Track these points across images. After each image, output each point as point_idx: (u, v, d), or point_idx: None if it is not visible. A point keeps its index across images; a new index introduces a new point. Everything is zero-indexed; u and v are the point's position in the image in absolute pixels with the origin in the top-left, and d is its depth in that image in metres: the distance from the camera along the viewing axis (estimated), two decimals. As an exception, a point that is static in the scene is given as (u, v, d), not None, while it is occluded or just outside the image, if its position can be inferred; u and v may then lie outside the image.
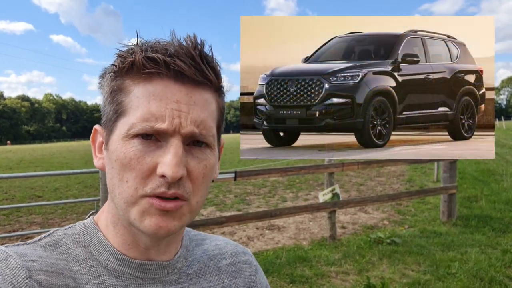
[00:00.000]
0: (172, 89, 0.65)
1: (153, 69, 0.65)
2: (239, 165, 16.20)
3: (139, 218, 0.65)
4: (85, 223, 0.76)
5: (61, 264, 0.68)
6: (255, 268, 0.90)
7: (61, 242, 0.72)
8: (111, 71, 0.70)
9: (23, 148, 61.55)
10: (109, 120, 0.69)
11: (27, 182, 14.24)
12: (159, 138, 0.65)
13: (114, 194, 0.68)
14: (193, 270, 0.80)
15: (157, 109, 0.64)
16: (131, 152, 0.64)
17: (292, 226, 7.26)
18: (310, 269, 5.02)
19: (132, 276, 0.72)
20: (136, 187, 0.64)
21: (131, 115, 0.65)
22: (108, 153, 0.69)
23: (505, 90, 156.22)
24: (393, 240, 5.90)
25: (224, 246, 0.89)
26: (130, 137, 0.65)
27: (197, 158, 0.68)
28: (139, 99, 0.65)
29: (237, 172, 5.08)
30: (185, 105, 0.65)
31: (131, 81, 0.67)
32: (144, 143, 0.65)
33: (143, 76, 0.66)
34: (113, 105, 0.68)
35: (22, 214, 8.95)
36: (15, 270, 0.62)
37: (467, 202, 8.40)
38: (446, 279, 4.62)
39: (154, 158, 0.64)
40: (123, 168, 0.65)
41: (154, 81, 0.65)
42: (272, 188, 11.60)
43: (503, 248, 5.52)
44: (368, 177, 12.92)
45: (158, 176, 0.64)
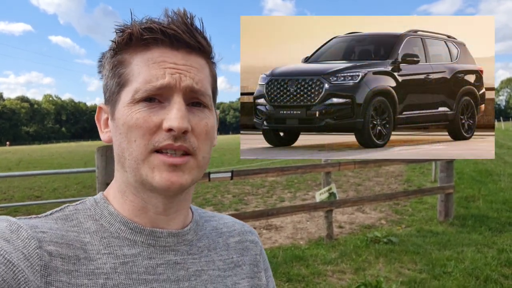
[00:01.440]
0: (169, 54, 0.70)
1: (150, 37, 0.70)
2: (238, 165, 16.21)
3: (150, 174, 0.69)
4: (96, 198, 0.78)
5: (72, 236, 0.69)
6: (260, 249, 0.93)
7: (72, 216, 0.73)
8: (110, 48, 0.74)
9: (23, 149, 61.46)
10: (112, 93, 0.74)
11: (26, 183, 14.22)
12: (161, 99, 0.70)
13: (124, 158, 0.71)
14: (203, 244, 0.82)
15: (156, 71, 0.69)
16: (137, 113, 0.68)
17: (290, 226, 7.29)
18: (306, 268, 5.04)
19: (144, 244, 0.73)
20: (144, 143, 0.68)
21: (134, 82, 0.70)
22: (114, 122, 0.73)
23: (504, 91, 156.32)
24: (390, 239, 5.93)
25: (232, 224, 0.92)
26: (135, 102, 0.69)
27: (198, 116, 0.72)
28: (139, 66, 0.70)
29: (234, 171, 5.09)
30: (182, 66, 0.71)
31: (130, 54, 0.72)
32: (148, 105, 0.69)
33: (141, 45, 0.71)
34: (115, 78, 0.73)
35: (21, 214, 8.94)
36: (26, 240, 0.63)
37: (465, 202, 8.43)
38: (442, 277, 4.65)
39: (159, 116, 0.68)
40: (130, 129, 0.69)
41: (152, 49, 0.70)
42: (270, 188, 11.61)
43: (499, 247, 5.55)
44: (366, 177, 12.94)
45: (165, 131, 0.68)
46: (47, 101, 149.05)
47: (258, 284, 0.88)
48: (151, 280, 0.71)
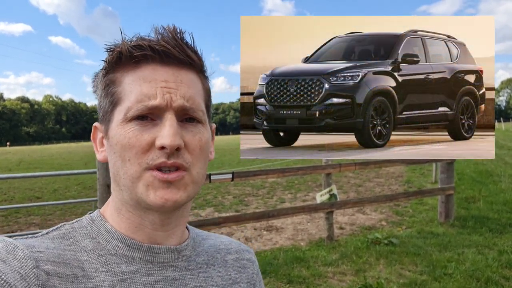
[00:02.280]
0: (159, 71, 0.71)
1: (139, 54, 0.70)
2: (239, 167, 16.21)
3: (145, 192, 0.69)
4: (92, 216, 0.78)
5: (69, 255, 0.69)
6: (257, 268, 0.93)
7: (69, 235, 0.73)
8: (102, 68, 0.75)
9: (23, 149, 61.52)
10: (106, 112, 0.74)
11: (26, 183, 14.23)
12: (153, 117, 0.70)
13: (119, 177, 0.71)
14: (202, 260, 0.82)
15: (148, 89, 0.69)
16: (130, 132, 0.69)
17: (290, 227, 7.27)
18: (307, 270, 5.02)
19: (142, 260, 0.73)
20: (138, 162, 0.68)
21: (126, 101, 0.70)
22: (108, 142, 0.73)
23: (504, 91, 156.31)
24: (391, 240, 5.91)
25: (228, 243, 0.92)
26: (128, 120, 0.69)
27: (191, 132, 0.72)
28: (131, 85, 0.70)
29: (235, 173, 5.09)
30: (173, 83, 0.71)
31: (121, 72, 0.72)
32: (140, 123, 0.69)
33: (131, 63, 0.71)
34: (108, 97, 0.73)
35: (21, 215, 8.94)
36: (22, 260, 0.63)
37: (465, 203, 8.42)
38: (442, 279, 4.63)
39: (151, 134, 0.69)
40: (124, 148, 0.69)
41: (142, 66, 0.71)
42: (271, 189, 11.61)
43: (500, 248, 5.53)
44: (366, 178, 12.93)
45: (158, 149, 0.68)
46: (47, 102, 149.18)
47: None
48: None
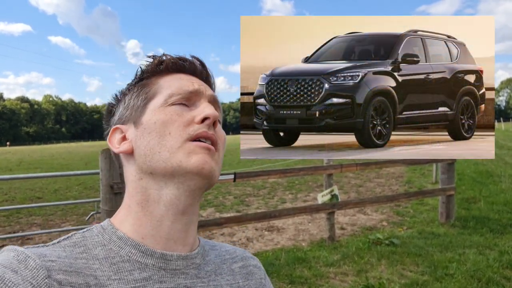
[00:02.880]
0: (192, 78, 0.82)
1: (180, 65, 0.82)
2: (239, 166, 16.20)
3: (185, 158, 0.72)
4: (102, 225, 0.78)
5: (81, 263, 0.68)
6: (264, 273, 0.93)
7: (80, 243, 0.73)
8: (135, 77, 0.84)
9: (23, 149, 61.55)
10: (136, 108, 0.79)
11: (27, 184, 14.24)
12: (190, 105, 0.78)
13: (153, 153, 0.74)
14: (210, 269, 0.82)
15: (187, 82, 0.80)
16: (171, 111, 0.76)
17: (291, 227, 7.27)
18: (309, 270, 5.02)
19: (154, 267, 0.73)
20: (180, 133, 0.74)
21: (165, 91, 0.78)
22: (141, 127, 0.77)
23: (504, 91, 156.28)
24: (392, 241, 5.91)
25: (233, 251, 0.93)
26: (167, 105, 0.76)
27: (218, 128, 0.79)
28: (169, 81, 0.80)
29: (237, 173, 5.10)
30: (204, 85, 0.82)
31: (156, 78, 0.81)
32: (180, 107, 0.77)
33: (169, 72, 0.82)
34: (142, 96, 0.79)
35: (22, 215, 8.96)
36: (34, 270, 0.62)
37: (466, 204, 8.41)
38: (444, 279, 4.62)
39: (191, 113, 0.76)
40: (165, 124, 0.74)
41: (178, 74, 0.82)
42: (272, 189, 11.61)
43: (501, 249, 5.53)
44: (367, 178, 12.93)
45: (197, 123, 0.75)
46: (47, 102, 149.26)
47: None
48: None
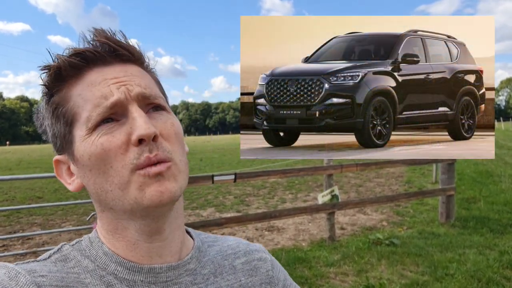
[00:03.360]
0: (106, 71, 0.68)
1: (79, 61, 0.67)
2: (239, 166, 16.21)
3: (139, 194, 0.64)
4: (90, 237, 0.75)
5: (72, 278, 0.67)
6: (271, 264, 0.88)
7: (70, 256, 0.71)
8: (43, 94, 0.70)
9: (22, 148, 61.59)
10: (63, 136, 0.69)
11: (27, 183, 14.25)
12: (117, 117, 0.66)
13: (105, 192, 0.66)
14: (208, 270, 0.79)
15: (101, 91, 0.65)
16: (100, 139, 0.64)
17: (292, 227, 7.27)
18: (309, 270, 5.02)
19: (143, 282, 0.70)
20: (121, 165, 0.64)
21: (83, 112, 0.65)
22: (78, 163, 0.68)
23: (504, 91, 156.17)
24: (392, 241, 5.91)
25: (236, 245, 0.88)
26: (92, 130, 0.65)
27: (160, 120, 0.68)
28: (81, 95, 0.66)
29: (237, 174, 5.10)
30: (124, 77, 0.68)
31: (66, 89, 0.68)
32: (106, 126, 0.65)
33: (74, 75, 0.67)
34: (61, 120, 0.68)
35: (23, 215, 8.97)
36: (25, 287, 0.61)
37: (466, 204, 8.41)
38: (444, 280, 4.62)
39: (123, 132, 0.64)
40: (101, 158, 0.64)
41: (86, 74, 0.67)
42: (272, 189, 11.60)
43: (501, 249, 5.52)
44: (367, 178, 12.93)
45: (135, 146, 0.64)
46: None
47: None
48: None
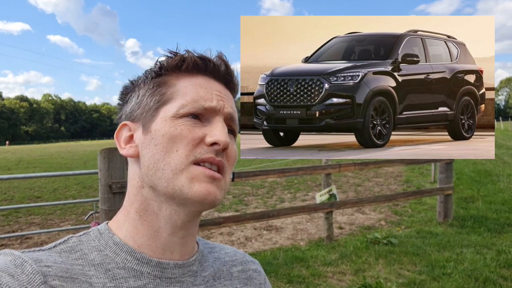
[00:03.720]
0: (213, 83, 0.77)
1: (202, 64, 0.77)
2: (237, 166, 16.21)
3: (188, 184, 0.69)
4: (99, 229, 0.77)
5: (77, 269, 0.68)
6: (264, 278, 0.92)
7: (76, 248, 0.72)
8: (153, 69, 0.79)
9: (22, 148, 61.43)
10: (148, 109, 0.76)
11: (26, 183, 14.22)
12: (203, 119, 0.74)
13: (157, 169, 0.71)
14: (208, 274, 0.81)
15: (204, 94, 0.75)
16: (182, 125, 0.71)
17: (290, 227, 7.29)
18: (307, 269, 5.04)
19: (150, 275, 0.72)
20: (186, 154, 0.70)
21: (179, 99, 0.74)
22: (149, 135, 0.73)
23: (503, 90, 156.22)
24: (390, 240, 5.93)
25: (233, 254, 0.92)
26: (179, 116, 0.72)
27: (231, 141, 0.76)
28: (187, 87, 0.75)
29: (235, 173, 5.11)
30: (224, 95, 0.77)
31: (174, 77, 0.77)
32: (192, 120, 0.73)
33: (189, 71, 0.77)
34: (156, 96, 0.76)
35: (21, 214, 8.96)
36: (30, 275, 0.62)
37: (464, 203, 8.43)
38: (441, 279, 4.64)
39: (202, 130, 0.72)
40: (173, 139, 0.71)
41: (198, 76, 0.77)
42: (270, 189, 11.62)
43: (498, 248, 5.55)
44: (365, 177, 12.94)
45: (207, 145, 0.71)
46: (46, 101, 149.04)
47: None
48: None
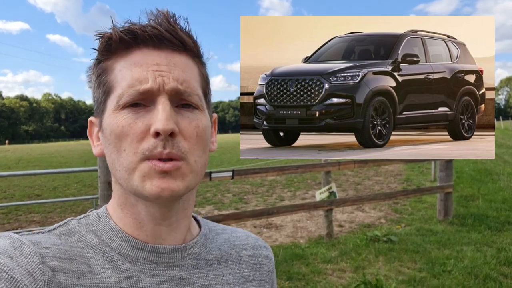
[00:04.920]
0: (151, 55, 0.68)
1: (129, 38, 0.68)
2: (238, 165, 16.24)
3: (140, 183, 0.66)
4: (98, 212, 0.77)
5: (75, 251, 0.69)
6: (273, 266, 0.91)
7: (75, 230, 0.73)
8: (94, 58, 0.73)
9: (22, 147, 61.38)
10: (99, 103, 0.72)
11: (26, 181, 14.23)
12: (146, 103, 0.67)
13: (115, 169, 0.69)
14: (213, 256, 0.80)
15: (139, 74, 0.67)
16: (123, 120, 0.67)
17: (290, 225, 7.31)
18: (307, 267, 5.07)
19: (146, 260, 0.72)
20: (133, 152, 0.66)
21: (118, 88, 0.68)
22: (103, 133, 0.71)
23: (503, 90, 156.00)
24: (390, 238, 5.96)
25: (245, 238, 0.90)
26: (120, 108, 0.67)
27: (187, 118, 0.69)
28: (122, 71, 0.68)
29: (235, 170, 5.13)
30: (165, 66, 0.68)
31: (113, 60, 0.70)
32: (133, 110, 0.67)
33: (122, 49, 0.69)
34: (101, 87, 0.71)
35: (21, 212, 8.97)
36: (28, 256, 0.63)
37: (464, 201, 8.46)
38: (441, 276, 4.68)
39: (145, 121, 0.66)
40: (118, 138, 0.67)
41: (133, 52, 0.69)
42: (270, 187, 11.64)
43: (498, 246, 5.58)
44: (365, 176, 12.96)
45: (152, 137, 0.65)
46: (46, 100, 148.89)
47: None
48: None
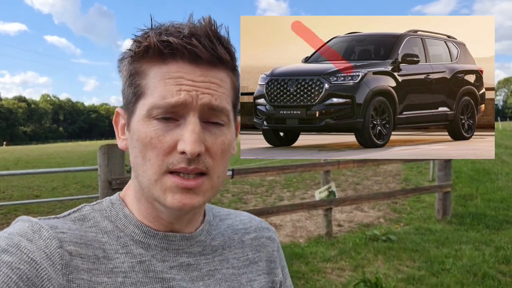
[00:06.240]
0: (186, 70, 0.68)
1: (168, 51, 0.68)
2: (237, 165, 16.23)
3: (162, 195, 0.69)
4: (112, 199, 0.80)
5: (90, 236, 0.72)
6: (277, 246, 0.94)
7: (89, 216, 0.75)
8: (128, 55, 0.73)
9: (20, 148, 61.14)
10: (129, 102, 0.73)
11: (25, 182, 14.22)
12: (177, 117, 0.69)
13: (138, 172, 0.72)
14: (217, 243, 0.84)
15: (173, 86, 0.68)
16: (152, 131, 0.68)
17: (289, 224, 7.33)
18: (306, 265, 5.09)
19: (157, 247, 0.75)
20: (158, 164, 0.68)
21: (150, 96, 0.69)
22: (130, 134, 0.73)
23: (501, 91, 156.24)
24: (389, 237, 5.98)
25: (248, 221, 0.93)
26: (151, 117, 0.69)
27: (214, 135, 0.71)
28: (155, 80, 0.69)
29: (235, 170, 5.14)
30: (200, 83, 0.69)
31: (147, 64, 0.70)
32: (163, 123, 0.68)
33: (158, 57, 0.69)
34: (132, 88, 0.72)
35: (20, 212, 8.94)
36: (47, 240, 0.65)
37: (462, 201, 8.50)
38: (440, 274, 4.71)
39: (174, 136, 0.68)
40: (145, 147, 0.69)
41: (169, 63, 0.69)
42: (269, 187, 11.66)
43: (497, 244, 5.62)
44: (364, 176, 12.99)
45: (179, 153, 0.67)
46: (45, 101, 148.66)
47: (275, 280, 0.89)
48: (168, 279, 0.74)
